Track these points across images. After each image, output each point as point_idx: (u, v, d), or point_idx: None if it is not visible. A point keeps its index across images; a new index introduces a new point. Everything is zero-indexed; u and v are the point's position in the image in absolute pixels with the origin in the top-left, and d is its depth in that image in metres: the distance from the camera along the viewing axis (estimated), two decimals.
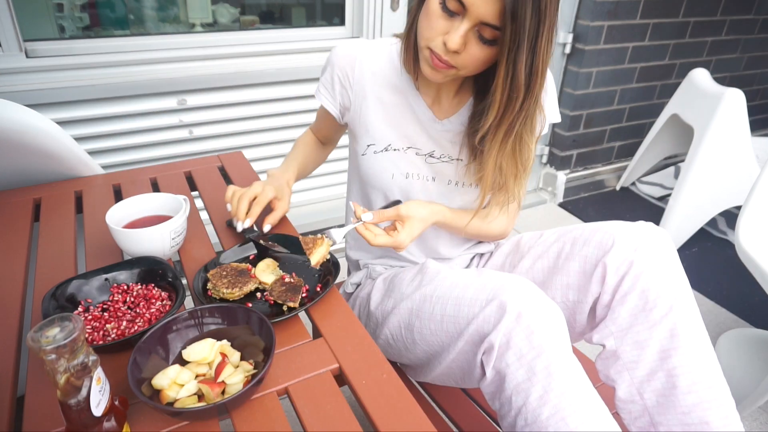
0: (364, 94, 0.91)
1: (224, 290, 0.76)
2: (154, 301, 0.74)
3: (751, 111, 2.17)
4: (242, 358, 0.65)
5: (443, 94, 0.89)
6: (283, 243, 0.90)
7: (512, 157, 0.81)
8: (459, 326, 0.75)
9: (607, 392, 0.81)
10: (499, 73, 0.71)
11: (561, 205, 2.52)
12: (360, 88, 0.91)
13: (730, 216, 2.39)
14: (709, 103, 2.00)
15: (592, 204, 2.56)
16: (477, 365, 0.73)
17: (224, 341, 0.67)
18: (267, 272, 0.82)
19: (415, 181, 0.93)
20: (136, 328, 0.69)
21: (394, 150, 0.92)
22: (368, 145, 0.93)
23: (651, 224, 0.81)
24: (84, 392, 0.50)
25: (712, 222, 2.38)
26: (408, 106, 0.90)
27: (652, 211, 2.51)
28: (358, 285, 1.05)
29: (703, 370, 0.73)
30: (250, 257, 0.88)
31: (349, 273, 1.17)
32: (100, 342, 0.67)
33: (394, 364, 0.97)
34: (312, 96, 1.79)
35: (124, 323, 0.70)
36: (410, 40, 0.83)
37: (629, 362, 0.77)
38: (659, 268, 0.76)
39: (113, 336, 0.68)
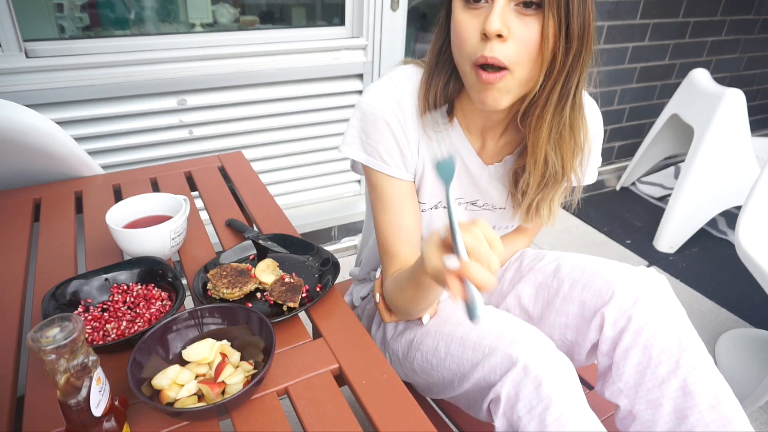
0: (418, 146, 0.78)
1: (224, 290, 0.76)
2: (154, 301, 0.74)
3: (751, 111, 2.17)
4: (242, 358, 0.65)
5: (489, 137, 0.81)
6: (283, 243, 0.90)
7: (569, 133, 0.73)
8: (463, 368, 0.74)
9: None
10: (548, 28, 0.62)
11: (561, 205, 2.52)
12: (415, 141, 0.78)
13: (730, 216, 2.39)
14: (709, 103, 2.00)
15: (593, 204, 2.56)
16: (484, 409, 0.73)
17: (224, 341, 0.67)
18: (267, 272, 0.82)
19: None
20: (136, 328, 0.69)
21: (444, 207, 0.84)
22: (418, 203, 0.84)
23: (652, 271, 0.79)
24: (84, 392, 0.50)
25: (712, 222, 2.38)
26: (457, 154, 0.81)
27: (652, 211, 2.51)
28: (365, 298, 1.04)
29: (725, 426, 0.70)
30: (250, 257, 0.88)
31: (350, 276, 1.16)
32: (100, 342, 0.67)
33: None
34: (310, 96, 1.80)
35: (124, 323, 0.70)
36: (438, 78, 0.73)
37: (647, 421, 0.74)
38: (660, 322, 0.73)
39: (113, 336, 0.68)
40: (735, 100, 1.93)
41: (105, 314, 0.72)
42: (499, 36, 0.62)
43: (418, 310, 0.79)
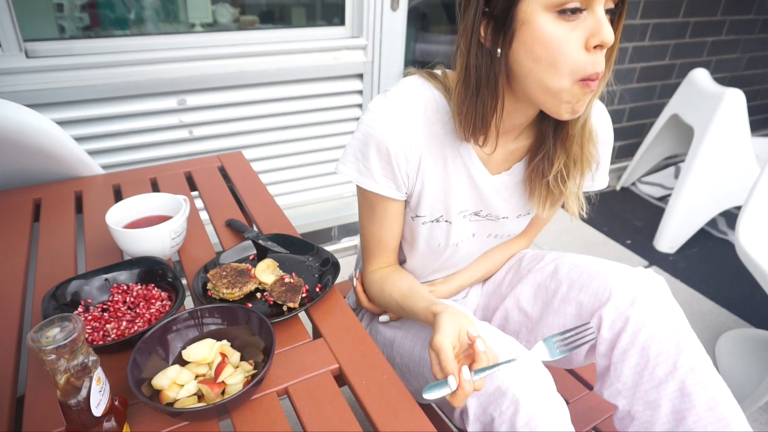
0: (419, 164, 0.76)
1: (224, 290, 0.76)
2: (154, 301, 0.74)
3: (751, 111, 2.17)
4: (242, 359, 0.66)
5: (500, 144, 0.77)
6: (283, 243, 0.90)
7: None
8: (432, 377, 0.77)
9: None
10: (617, 34, 0.64)
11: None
12: (417, 160, 0.76)
13: (730, 216, 2.39)
14: (710, 103, 2.00)
15: (592, 204, 2.55)
16: (456, 417, 0.74)
17: (224, 341, 0.67)
18: (267, 272, 0.82)
19: (459, 244, 0.88)
20: (136, 328, 0.69)
21: (446, 222, 0.83)
22: (416, 216, 0.82)
23: (649, 272, 0.79)
24: (84, 392, 0.50)
25: (712, 222, 2.38)
26: (463, 166, 0.78)
27: (652, 211, 2.51)
28: None
29: (723, 427, 0.69)
30: (250, 257, 0.88)
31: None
32: (100, 342, 0.67)
33: None
34: (310, 96, 1.80)
35: (124, 323, 0.70)
36: (484, 102, 0.68)
37: (645, 422, 0.74)
38: (657, 323, 0.73)
39: (113, 336, 0.68)
40: (735, 100, 1.93)
41: (105, 314, 0.72)
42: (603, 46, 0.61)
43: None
